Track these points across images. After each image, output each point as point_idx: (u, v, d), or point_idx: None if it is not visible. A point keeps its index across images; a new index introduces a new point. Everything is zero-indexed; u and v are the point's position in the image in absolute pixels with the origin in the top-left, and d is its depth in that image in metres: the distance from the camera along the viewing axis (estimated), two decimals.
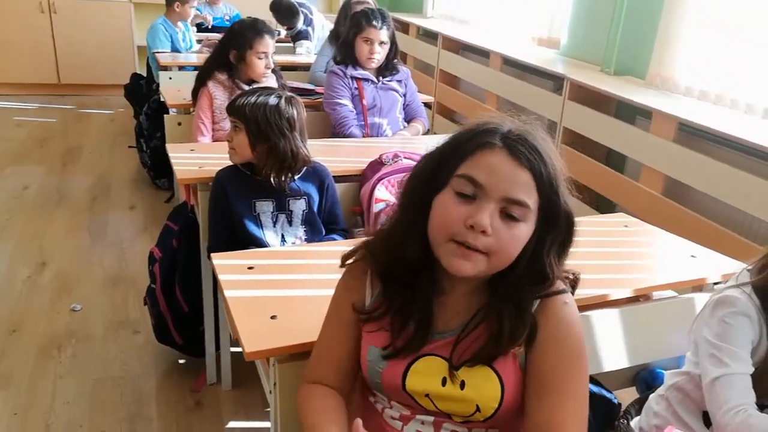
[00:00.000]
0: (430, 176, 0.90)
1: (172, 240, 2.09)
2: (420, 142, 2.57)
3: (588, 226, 1.80)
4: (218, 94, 2.56)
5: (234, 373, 2.13)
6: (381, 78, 2.76)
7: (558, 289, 0.94)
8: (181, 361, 2.27)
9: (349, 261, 1.02)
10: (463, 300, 0.95)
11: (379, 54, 2.69)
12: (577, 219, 0.89)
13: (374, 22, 2.65)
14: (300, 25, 4.49)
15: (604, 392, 1.40)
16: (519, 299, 0.91)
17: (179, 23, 4.42)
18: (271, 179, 1.81)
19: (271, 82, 2.66)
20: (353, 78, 2.70)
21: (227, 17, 5.25)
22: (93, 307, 2.57)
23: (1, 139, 4.59)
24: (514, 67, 3.96)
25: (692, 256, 1.59)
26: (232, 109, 1.83)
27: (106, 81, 5.71)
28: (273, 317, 1.19)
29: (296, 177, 1.87)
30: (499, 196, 0.85)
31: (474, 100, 4.33)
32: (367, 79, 2.72)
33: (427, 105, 4.96)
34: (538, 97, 3.58)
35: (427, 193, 0.90)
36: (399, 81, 2.83)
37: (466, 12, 5.12)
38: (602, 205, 3.30)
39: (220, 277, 1.34)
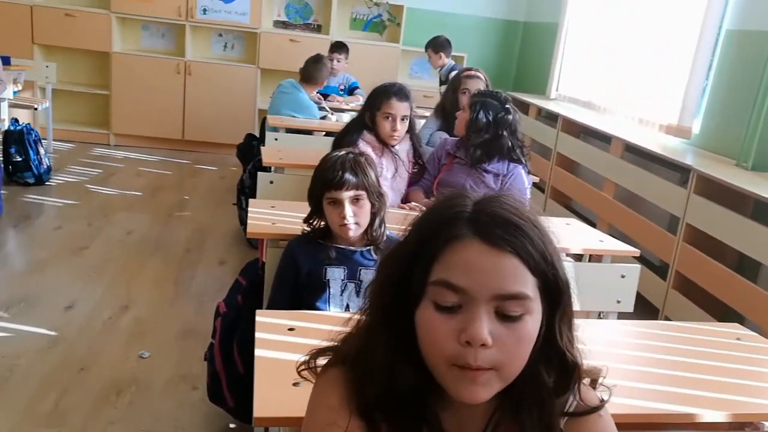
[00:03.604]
0: (400, 285, 0.77)
1: (238, 295, 2.13)
2: None
3: (689, 332, 1.61)
4: (369, 151, 2.64)
5: None
6: None
7: (591, 405, 0.82)
8: (232, 426, 2.25)
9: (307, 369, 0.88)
10: (479, 406, 0.81)
11: None
12: (681, 323, 0.74)
13: None
14: (449, 63, 5.39)
15: None
16: (540, 397, 0.79)
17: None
18: (373, 233, 1.86)
19: (402, 146, 2.76)
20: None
21: (342, 86, 5.53)
22: (160, 357, 2.65)
23: (122, 187, 5.03)
24: (637, 154, 3.79)
25: None
26: (350, 184, 1.79)
27: (225, 140, 6.14)
28: (296, 384, 1.14)
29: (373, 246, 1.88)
30: (489, 296, 0.73)
31: (591, 186, 4.18)
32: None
33: (540, 189, 4.89)
34: (660, 189, 3.38)
35: (404, 305, 0.77)
36: None
37: (590, 94, 5.04)
38: (730, 318, 2.98)
39: (257, 335, 1.32)
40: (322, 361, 0.90)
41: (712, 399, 1.27)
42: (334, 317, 1.61)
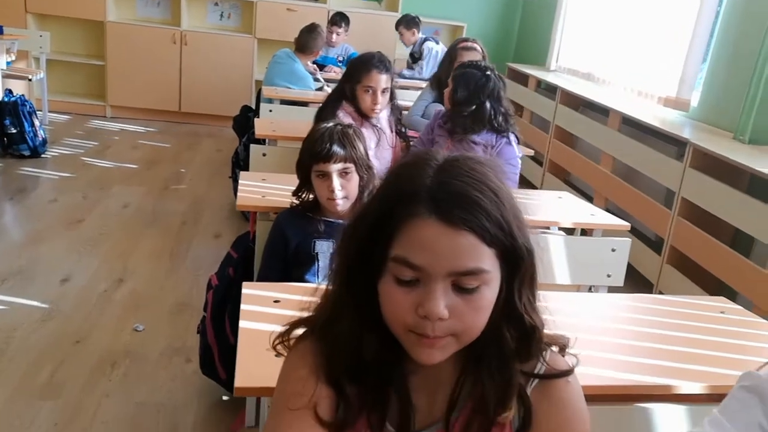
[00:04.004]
0: (362, 258, 0.80)
1: (229, 268, 2.15)
2: None
3: (674, 306, 1.64)
4: (348, 122, 2.65)
5: None
6: None
7: (559, 369, 0.85)
8: (225, 398, 2.30)
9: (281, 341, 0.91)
10: (446, 366, 0.85)
11: None
12: (667, 297, 0.75)
13: None
14: (420, 37, 5.42)
15: None
16: (500, 350, 0.82)
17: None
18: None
19: (383, 114, 2.75)
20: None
21: (340, 57, 5.50)
22: (154, 330, 2.69)
23: (118, 159, 5.04)
24: (634, 127, 3.78)
25: None
26: (338, 156, 1.80)
27: (222, 112, 6.10)
28: (278, 355, 1.16)
29: None
30: (445, 273, 0.75)
31: (588, 160, 4.18)
32: None
33: (538, 162, 4.89)
34: (657, 162, 3.38)
35: (366, 276, 0.80)
36: None
37: (590, 66, 5.01)
38: (723, 293, 3.00)
39: (243, 306, 1.35)
40: (297, 332, 0.92)
41: (691, 371, 1.29)
42: (320, 289, 1.63)
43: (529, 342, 0.83)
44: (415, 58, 5.33)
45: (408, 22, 5.47)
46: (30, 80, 5.64)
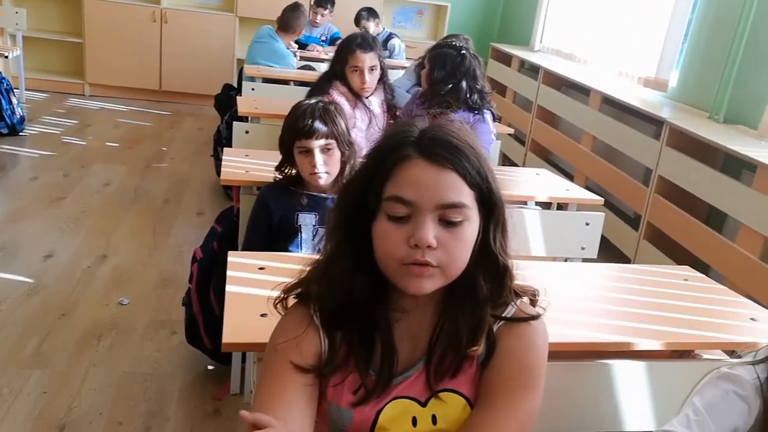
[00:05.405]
0: (357, 206, 0.91)
1: (213, 242, 2.24)
2: None
3: (641, 274, 1.75)
4: (343, 102, 2.73)
5: None
6: None
7: (527, 314, 0.97)
8: (210, 367, 2.39)
9: (284, 300, 1.00)
10: (427, 314, 0.97)
11: None
12: (635, 266, 0.83)
13: None
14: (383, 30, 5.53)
15: None
16: (474, 296, 0.93)
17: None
18: (344, 180, 1.92)
19: (376, 98, 2.82)
20: None
21: (323, 37, 5.54)
22: (139, 304, 2.77)
23: (98, 138, 5.07)
24: (614, 107, 3.89)
25: (752, 319, 1.50)
26: (320, 133, 1.86)
27: (203, 91, 6.13)
28: (263, 315, 1.25)
29: None
30: (432, 206, 0.87)
31: (569, 139, 4.29)
32: None
33: (520, 141, 5.00)
34: (635, 141, 3.50)
35: (361, 223, 0.91)
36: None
37: (572, 46, 5.11)
38: (698, 267, 3.13)
39: (229, 273, 1.43)
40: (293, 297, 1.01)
41: (651, 330, 1.40)
42: (304, 258, 1.72)
43: (501, 285, 0.94)
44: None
45: (371, 13, 5.54)
46: (6, 57, 5.61)
